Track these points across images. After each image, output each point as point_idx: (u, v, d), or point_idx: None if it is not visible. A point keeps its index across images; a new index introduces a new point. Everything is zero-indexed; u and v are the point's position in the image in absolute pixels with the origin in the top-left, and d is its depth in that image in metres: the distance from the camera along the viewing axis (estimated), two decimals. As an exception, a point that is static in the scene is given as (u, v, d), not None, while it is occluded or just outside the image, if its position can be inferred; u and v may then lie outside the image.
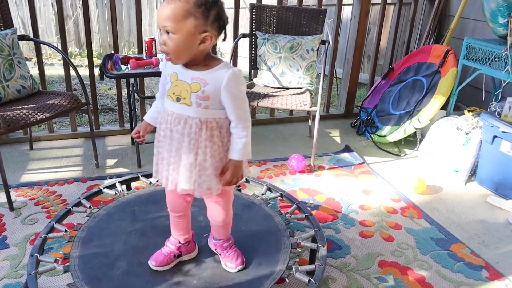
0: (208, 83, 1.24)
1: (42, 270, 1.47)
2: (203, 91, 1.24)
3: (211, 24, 1.16)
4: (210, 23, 1.15)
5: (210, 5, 1.14)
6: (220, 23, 1.18)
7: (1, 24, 2.50)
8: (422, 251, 2.00)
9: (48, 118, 2.27)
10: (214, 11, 1.14)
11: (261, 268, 1.50)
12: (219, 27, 1.19)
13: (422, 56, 3.31)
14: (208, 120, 1.27)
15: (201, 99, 1.25)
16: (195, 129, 1.27)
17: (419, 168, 2.86)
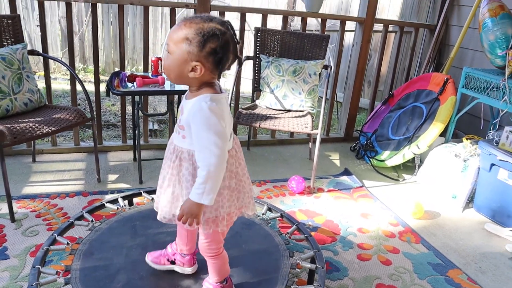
0: (183, 112, 1.23)
1: (44, 281, 1.48)
2: (179, 120, 1.25)
3: (205, 56, 1.15)
4: (204, 54, 1.15)
5: (208, 37, 1.13)
6: (216, 58, 1.16)
7: (12, 39, 2.56)
8: (419, 275, 2.02)
9: (54, 132, 2.30)
10: (211, 44, 1.13)
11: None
12: (214, 61, 1.16)
13: (422, 83, 3.38)
14: (182, 151, 1.26)
15: (179, 127, 1.26)
16: (175, 159, 1.28)
17: (417, 193, 2.89)
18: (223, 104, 1.22)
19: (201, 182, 1.18)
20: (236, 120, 2.71)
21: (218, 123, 1.17)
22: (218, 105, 1.18)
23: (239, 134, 3.59)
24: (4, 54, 2.38)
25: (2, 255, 1.91)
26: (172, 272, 1.59)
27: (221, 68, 1.19)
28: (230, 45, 1.16)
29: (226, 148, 1.20)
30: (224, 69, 1.21)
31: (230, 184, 1.30)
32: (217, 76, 1.23)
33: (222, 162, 1.19)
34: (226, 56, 1.17)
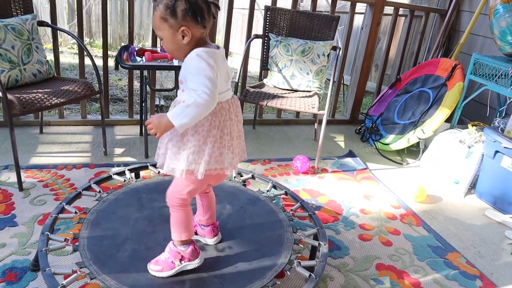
0: (182, 67, 1.30)
1: (53, 247, 1.51)
2: (180, 75, 1.32)
3: (182, 19, 1.24)
4: (181, 18, 1.23)
5: (173, 6, 1.22)
6: (191, 15, 1.23)
7: (22, 9, 2.55)
8: (419, 257, 2.05)
9: (62, 104, 2.32)
10: (180, 8, 1.22)
11: (263, 260, 1.55)
12: (192, 18, 1.24)
13: (430, 68, 3.37)
14: (180, 101, 1.31)
15: (180, 83, 1.33)
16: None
17: (420, 177, 2.91)
18: (216, 56, 1.28)
19: (184, 106, 1.23)
20: (243, 98, 2.72)
21: (207, 68, 1.23)
22: (208, 54, 1.24)
23: (245, 113, 3.60)
24: (14, 24, 2.38)
25: (11, 222, 1.95)
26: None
27: (201, 19, 1.25)
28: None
29: (215, 92, 1.24)
30: (206, 18, 1.26)
31: (215, 135, 1.33)
32: (205, 28, 1.28)
33: (209, 102, 1.23)
34: (197, 7, 1.23)
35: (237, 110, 1.42)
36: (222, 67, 1.32)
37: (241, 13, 6.75)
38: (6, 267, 1.68)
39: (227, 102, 1.36)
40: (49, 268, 1.39)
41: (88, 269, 1.43)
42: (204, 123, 1.31)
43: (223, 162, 1.36)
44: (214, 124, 1.32)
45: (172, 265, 1.46)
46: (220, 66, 1.29)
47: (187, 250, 1.46)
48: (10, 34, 2.34)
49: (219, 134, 1.33)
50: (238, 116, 1.42)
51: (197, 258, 1.48)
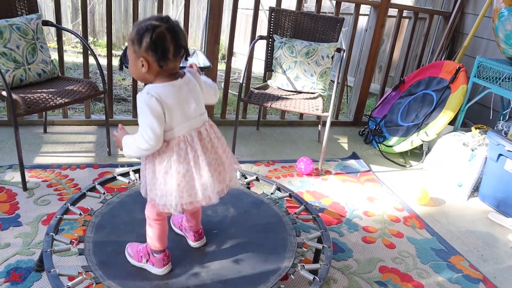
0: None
1: (58, 249, 1.52)
2: None
3: (145, 50, 1.23)
4: (144, 50, 1.23)
5: (142, 33, 1.22)
6: (154, 51, 1.23)
7: (26, 8, 2.55)
8: (422, 260, 2.05)
9: (67, 104, 2.32)
10: (146, 39, 1.21)
11: (267, 264, 1.55)
12: (154, 54, 1.23)
13: (434, 71, 3.36)
14: None
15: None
16: None
17: (423, 180, 2.91)
18: (167, 91, 1.26)
19: (132, 140, 1.30)
20: (248, 99, 2.72)
21: (149, 115, 1.23)
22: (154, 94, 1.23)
23: (249, 114, 3.60)
24: (19, 24, 2.39)
25: (15, 222, 1.96)
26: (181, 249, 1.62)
27: (161, 58, 1.23)
28: (166, 36, 1.22)
29: (155, 137, 1.25)
30: (169, 59, 1.25)
31: (179, 170, 1.31)
32: (167, 66, 1.26)
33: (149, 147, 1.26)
34: (163, 47, 1.23)
35: (212, 137, 1.37)
36: (178, 98, 1.29)
37: (244, 13, 6.75)
38: (10, 267, 1.69)
39: (191, 133, 1.32)
40: (54, 269, 1.40)
41: (94, 273, 1.43)
42: (164, 158, 1.31)
43: (196, 195, 1.34)
44: (174, 159, 1.30)
45: (140, 259, 1.51)
46: (174, 99, 1.27)
47: (156, 257, 1.49)
48: (15, 33, 2.34)
49: (185, 168, 1.31)
50: (214, 143, 1.37)
51: (162, 268, 1.49)
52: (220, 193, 1.40)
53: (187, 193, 1.33)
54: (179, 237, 1.68)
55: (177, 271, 1.51)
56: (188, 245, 1.65)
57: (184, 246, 1.64)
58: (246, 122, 3.49)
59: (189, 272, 1.50)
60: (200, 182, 1.33)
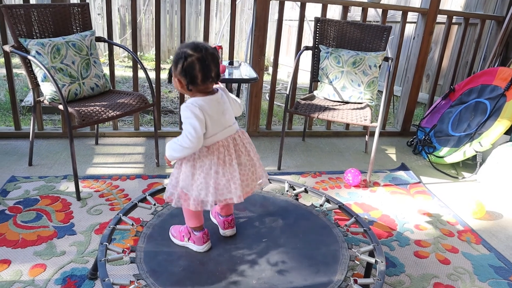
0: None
1: (112, 258, 1.55)
2: None
3: (179, 74, 1.44)
4: (178, 73, 1.44)
5: (177, 60, 1.43)
6: (185, 76, 1.42)
7: (81, 26, 2.67)
8: (480, 277, 1.95)
9: (118, 116, 2.39)
10: (180, 65, 1.41)
11: (319, 276, 1.52)
12: (184, 76, 1.42)
13: (487, 78, 3.23)
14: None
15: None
16: None
17: (477, 192, 2.78)
18: (208, 103, 1.46)
19: (176, 142, 1.46)
20: (294, 110, 2.71)
21: (192, 117, 1.42)
22: (195, 105, 1.43)
23: (294, 125, 3.58)
24: (75, 41, 2.50)
25: (70, 231, 2.03)
26: (231, 258, 1.62)
27: (190, 82, 1.43)
28: (196, 66, 1.41)
29: (197, 137, 1.43)
30: (197, 84, 1.44)
31: (218, 171, 1.49)
32: (196, 89, 1.46)
33: (191, 146, 1.43)
34: (192, 74, 1.42)
35: (244, 142, 1.56)
36: (216, 110, 1.48)
37: (287, 24, 6.77)
38: (66, 274, 1.74)
39: (227, 139, 1.52)
40: (108, 279, 1.42)
41: (145, 281, 1.45)
42: (206, 162, 1.48)
43: (230, 193, 1.50)
44: (215, 162, 1.48)
45: (182, 238, 1.67)
46: (213, 110, 1.46)
47: (197, 235, 1.63)
48: (70, 50, 2.45)
49: (223, 169, 1.49)
50: (247, 147, 1.56)
51: (202, 245, 1.63)
52: (252, 191, 1.59)
53: (224, 191, 1.50)
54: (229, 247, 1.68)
55: (228, 279, 1.50)
56: (239, 254, 1.64)
57: (234, 255, 1.63)
58: (291, 133, 3.47)
59: (239, 281, 1.49)
60: (233, 182, 1.50)
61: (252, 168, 1.57)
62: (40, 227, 2.04)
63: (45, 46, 2.36)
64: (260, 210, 1.93)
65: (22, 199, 2.26)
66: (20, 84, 4.56)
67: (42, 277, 1.72)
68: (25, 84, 4.54)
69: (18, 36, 2.38)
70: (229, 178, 1.49)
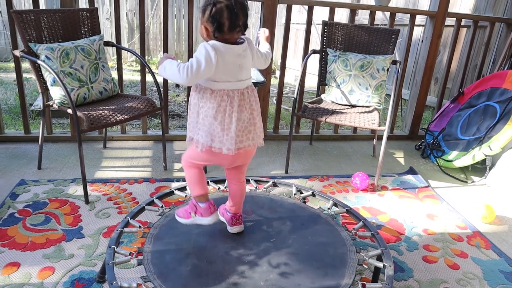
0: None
1: (119, 261, 1.55)
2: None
3: (206, 20, 1.44)
4: (205, 20, 1.45)
5: (206, 6, 1.44)
6: (213, 22, 1.43)
7: (90, 30, 2.69)
8: (490, 283, 1.93)
9: (126, 120, 2.40)
10: (208, 11, 1.43)
11: (327, 279, 1.51)
12: (212, 23, 1.43)
13: (496, 81, 3.20)
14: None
15: None
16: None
17: (487, 196, 2.76)
18: (226, 50, 1.45)
19: (173, 64, 1.48)
20: (302, 114, 2.71)
21: (203, 54, 1.43)
22: (213, 47, 1.43)
23: (301, 128, 3.58)
24: (83, 45, 2.52)
25: (78, 234, 2.04)
26: (239, 259, 1.62)
27: (217, 29, 1.44)
28: (224, 13, 1.41)
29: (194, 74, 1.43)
30: (224, 31, 1.44)
31: (215, 116, 1.49)
32: (222, 37, 1.46)
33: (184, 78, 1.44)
34: (220, 21, 1.42)
35: (251, 100, 1.55)
36: (232, 61, 1.47)
37: (294, 27, 6.77)
38: (74, 277, 1.75)
39: (234, 91, 1.50)
40: (116, 282, 1.43)
41: (153, 283, 1.45)
42: (207, 104, 1.49)
43: (221, 143, 1.51)
44: (213, 107, 1.48)
45: (189, 215, 1.70)
46: (229, 60, 1.46)
47: (202, 206, 1.65)
48: (79, 54, 2.47)
49: (220, 117, 1.49)
50: (252, 105, 1.55)
51: (210, 216, 1.66)
52: (245, 151, 1.57)
53: (216, 139, 1.51)
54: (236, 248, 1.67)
55: (235, 280, 1.50)
56: (246, 255, 1.63)
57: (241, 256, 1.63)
58: (299, 136, 3.47)
59: (247, 282, 1.49)
60: (227, 133, 1.50)
61: (250, 127, 1.55)
62: (48, 230, 2.05)
63: (55, 51, 2.38)
64: (267, 212, 1.92)
65: (31, 202, 2.28)
66: (29, 89, 4.61)
67: (50, 280, 1.73)
68: (34, 88, 4.59)
69: (28, 41, 2.40)
70: (224, 128, 1.50)
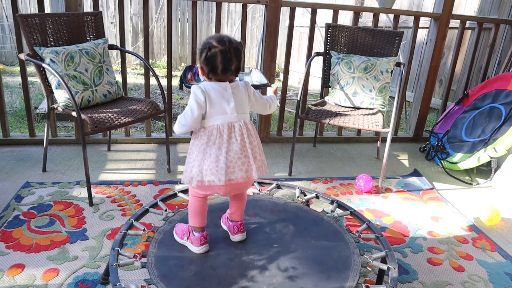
0: None
1: (123, 263, 1.55)
2: None
3: (202, 62, 1.55)
4: (202, 61, 1.55)
5: (202, 49, 1.54)
6: (207, 63, 1.53)
7: (94, 34, 2.70)
8: (495, 285, 1.91)
9: (130, 122, 2.41)
10: (204, 54, 1.53)
11: (330, 282, 1.51)
12: (206, 65, 1.54)
13: (501, 83, 3.19)
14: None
15: None
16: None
17: (492, 199, 2.74)
18: (213, 88, 1.55)
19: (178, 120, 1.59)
20: (305, 116, 2.70)
21: (192, 98, 1.54)
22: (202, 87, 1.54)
23: (305, 131, 3.58)
24: (88, 48, 2.53)
25: (82, 236, 2.04)
26: (242, 264, 1.61)
27: (210, 72, 1.54)
28: (218, 57, 1.51)
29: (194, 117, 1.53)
30: (217, 74, 1.54)
31: (206, 151, 1.55)
32: (216, 78, 1.56)
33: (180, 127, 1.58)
34: (213, 64, 1.52)
35: (243, 132, 1.58)
36: (220, 96, 1.55)
37: (298, 30, 6.78)
38: (78, 279, 1.75)
39: (224, 124, 1.55)
40: (119, 283, 1.43)
41: (156, 286, 1.46)
42: (199, 141, 1.57)
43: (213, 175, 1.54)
44: (205, 142, 1.55)
45: (183, 236, 1.72)
46: (216, 95, 1.55)
47: (195, 236, 1.67)
48: (84, 58, 2.48)
49: (212, 151, 1.54)
50: (244, 138, 1.57)
51: (198, 247, 1.66)
52: (240, 183, 1.58)
53: (208, 171, 1.55)
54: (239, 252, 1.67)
55: (238, 284, 1.49)
56: (249, 259, 1.63)
57: (244, 260, 1.63)
58: (302, 139, 3.47)
59: (250, 286, 1.48)
60: (217, 164, 1.54)
61: (243, 159, 1.57)
62: (53, 232, 2.06)
63: (59, 54, 2.39)
64: (270, 216, 1.92)
65: (36, 204, 2.29)
66: (35, 92, 4.64)
67: (55, 281, 1.73)
68: (39, 92, 4.62)
69: (33, 44, 2.42)
70: (214, 160, 1.54)
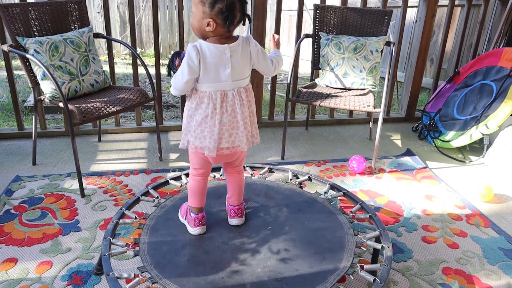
0: None
1: (115, 252, 1.54)
2: None
3: (215, 14, 1.39)
4: (214, 13, 1.39)
5: (213, 2, 1.38)
6: (224, 16, 1.39)
7: (78, 22, 2.65)
8: (489, 260, 1.92)
9: (119, 111, 2.38)
10: (219, 5, 1.38)
11: (325, 263, 1.50)
12: (222, 19, 1.40)
13: (492, 59, 3.18)
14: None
15: None
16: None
17: (485, 175, 2.74)
18: (210, 50, 1.44)
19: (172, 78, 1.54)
20: (296, 99, 2.68)
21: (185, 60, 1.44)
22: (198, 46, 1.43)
23: (297, 114, 3.56)
24: (72, 38, 2.48)
25: (75, 227, 2.02)
26: (236, 247, 1.61)
27: (229, 24, 1.41)
28: (236, 5, 1.40)
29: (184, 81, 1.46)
30: (233, 25, 1.43)
31: (197, 118, 1.52)
32: (229, 30, 1.44)
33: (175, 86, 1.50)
34: (232, 14, 1.40)
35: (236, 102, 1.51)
36: (216, 61, 1.45)
37: (287, 14, 6.72)
38: (72, 270, 1.74)
39: (217, 92, 1.48)
40: (112, 272, 1.42)
41: (149, 273, 1.45)
42: (190, 105, 1.53)
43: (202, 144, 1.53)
44: (195, 107, 1.51)
45: (183, 215, 1.74)
46: (213, 59, 1.45)
47: (192, 216, 1.68)
48: (69, 47, 2.43)
49: (202, 118, 1.50)
50: (236, 109, 1.52)
51: (193, 228, 1.67)
52: (229, 154, 1.57)
53: (199, 138, 1.54)
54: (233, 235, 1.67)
55: (233, 268, 1.49)
56: (244, 242, 1.63)
57: (239, 243, 1.62)
58: (294, 122, 3.45)
59: (245, 269, 1.48)
60: (209, 134, 1.51)
61: (232, 130, 1.54)
62: (45, 225, 2.04)
63: (43, 44, 2.34)
64: (264, 199, 1.91)
65: (27, 198, 2.26)
66: (22, 85, 4.57)
67: (48, 274, 1.72)
68: (27, 85, 4.55)
69: (16, 35, 2.37)
70: (204, 129, 1.52)
